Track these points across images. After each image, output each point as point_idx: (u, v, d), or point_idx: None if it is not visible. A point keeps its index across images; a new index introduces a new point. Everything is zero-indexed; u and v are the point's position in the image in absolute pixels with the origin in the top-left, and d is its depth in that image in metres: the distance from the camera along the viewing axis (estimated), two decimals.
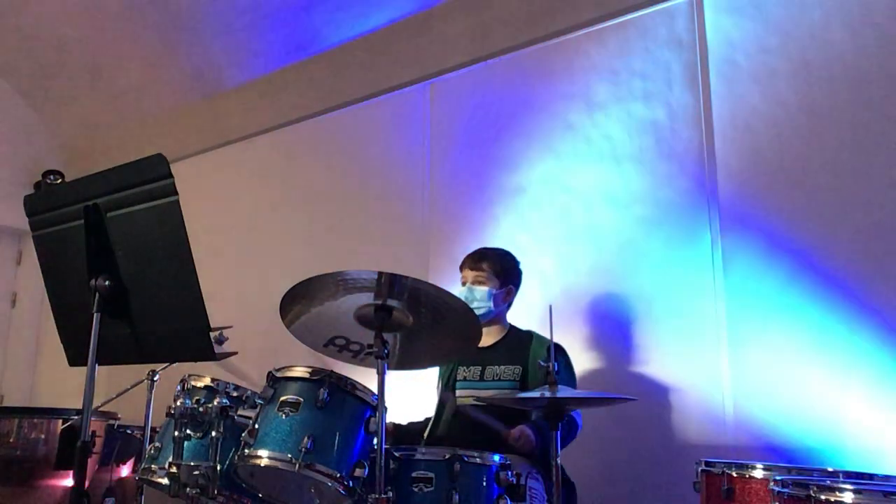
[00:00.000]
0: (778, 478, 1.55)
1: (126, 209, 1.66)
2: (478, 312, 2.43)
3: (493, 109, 3.38)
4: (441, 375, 2.58)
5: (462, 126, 3.48)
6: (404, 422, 2.59)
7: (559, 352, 1.97)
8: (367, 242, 3.72)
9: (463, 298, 2.40)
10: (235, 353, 2.83)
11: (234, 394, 2.00)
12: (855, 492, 1.32)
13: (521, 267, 2.62)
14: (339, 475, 1.70)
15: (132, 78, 4.75)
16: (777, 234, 2.51)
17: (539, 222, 3.12)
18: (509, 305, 2.59)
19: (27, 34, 4.70)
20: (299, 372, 1.83)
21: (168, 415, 1.98)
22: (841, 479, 1.71)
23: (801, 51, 2.57)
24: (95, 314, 1.64)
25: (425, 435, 2.47)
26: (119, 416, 3.48)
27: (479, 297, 2.47)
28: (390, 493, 1.69)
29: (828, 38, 2.53)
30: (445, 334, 1.95)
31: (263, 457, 1.72)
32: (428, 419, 2.56)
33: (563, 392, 1.88)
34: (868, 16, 2.46)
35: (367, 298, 1.81)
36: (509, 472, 1.85)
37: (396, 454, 1.81)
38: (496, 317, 2.53)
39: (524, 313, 2.64)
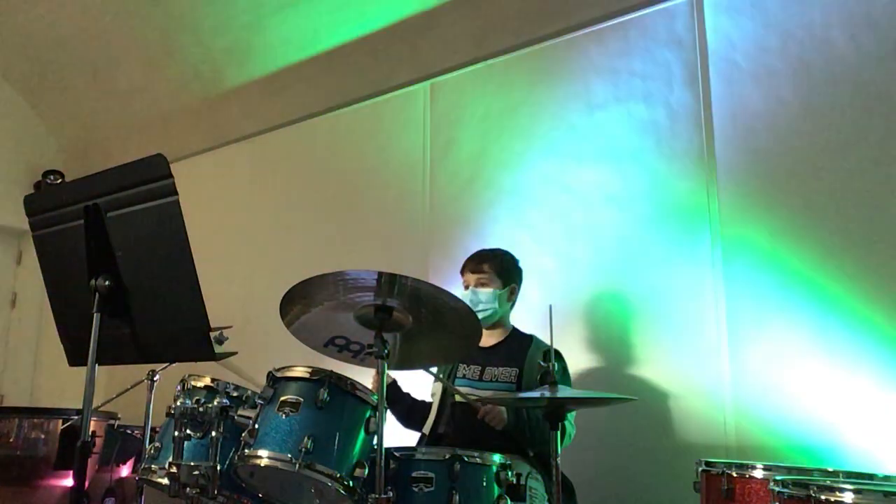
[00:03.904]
0: (778, 478, 1.54)
1: (126, 209, 1.66)
2: (484, 314, 2.44)
3: (493, 109, 3.38)
4: (441, 370, 2.58)
5: (462, 126, 3.48)
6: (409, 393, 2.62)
7: (556, 356, 1.97)
8: (367, 242, 3.72)
9: (468, 301, 2.41)
10: (235, 353, 2.82)
11: (234, 394, 2.00)
12: (855, 492, 1.32)
13: (521, 266, 2.63)
14: (339, 475, 1.70)
15: (132, 78, 4.75)
16: (777, 234, 2.51)
17: (539, 222, 3.12)
18: (513, 305, 2.59)
19: (27, 34, 4.70)
20: (299, 372, 1.83)
21: (168, 415, 1.98)
22: (841, 479, 1.71)
23: (801, 51, 2.57)
24: (95, 314, 1.64)
25: (426, 431, 2.48)
26: (119, 416, 3.48)
27: (483, 298, 2.48)
28: (390, 493, 1.69)
29: (828, 38, 2.53)
30: (445, 334, 1.95)
31: (263, 457, 1.72)
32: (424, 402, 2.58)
33: (563, 392, 1.88)
34: (868, 16, 2.46)
35: (367, 298, 1.81)
36: (509, 472, 1.85)
37: (396, 454, 1.81)
38: (501, 317, 2.54)
39: (524, 313, 2.64)
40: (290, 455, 1.69)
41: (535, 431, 2.26)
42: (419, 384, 2.80)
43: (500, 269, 2.53)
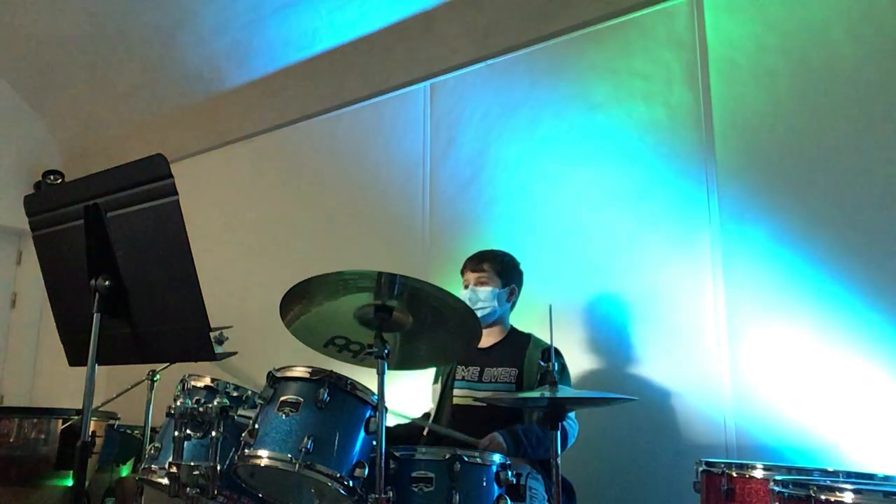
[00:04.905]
0: (778, 478, 1.54)
1: (126, 209, 1.66)
2: (483, 313, 2.43)
3: (493, 109, 3.38)
4: (440, 373, 2.58)
5: (462, 126, 3.48)
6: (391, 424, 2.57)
7: (555, 354, 1.97)
8: (367, 242, 3.72)
9: (467, 300, 2.41)
10: (235, 353, 2.83)
11: (234, 394, 2.00)
12: (855, 492, 1.32)
13: (522, 268, 2.62)
14: (339, 475, 1.70)
15: (132, 78, 4.75)
16: (777, 233, 2.51)
17: (539, 222, 3.12)
18: (513, 306, 2.59)
19: (27, 34, 4.70)
20: (299, 372, 1.83)
21: (168, 415, 1.98)
22: (841, 479, 1.71)
23: (801, 50, 2.57)
24: (95, 314, 1.64)
25: (426, 432, 2.47)
26: (119, 416, 3.48)
27: (482, 297, 2.48)
28: (390, 493, 1.69)
29: (828, 38, 2.53)
30: (445, 334, 1.95)
31: (263, 457, 1.72)
32: (416, 420, 2.56)
33: (564, 392, 1.88)
34: (868, 16, 2.46)
35: (367, 298, 1.81)
36: (509, 472, 1.85)
37: (396, 454, 1.81)
38: (499, 317, 2.53)
39: (524, 313, 2.64)
40: (290, 455, 1.69)
41: (537, 449, 2.24)
42: (417, 386, 2.80)
43: (501, 268, 2.53)
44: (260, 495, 1.90)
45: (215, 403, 1.84)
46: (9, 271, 5.35)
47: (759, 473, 1.81)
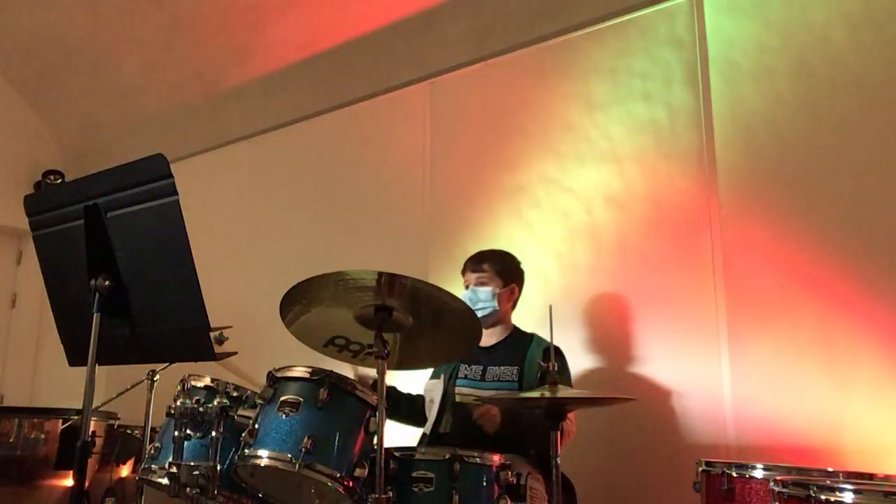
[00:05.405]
0: (778, 478, 1.55)
1: (126, 209, 1.66)
2: (483, 312, 2.43)
3: (493, 109, 3.38)
4: (441, 369, 2.57)
5: (462, 126, 3.48)
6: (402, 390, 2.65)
7: (556, 354, 1.96)
8: (367, 242, 3.72)
9: (467, 300, 2.41)
10: (235, 353, 2.83)
11: (234, 394, 2.00)
12: (855, 492, 1.32)
13: (523, 267, 2.62)
14: (338, 475, 1.70)
15: (132, 78, 4.75)
16: (777, 233, 2.51)
17: (539, 222, 3.12)
18: (514, 305, 2.59)
19: (27, 34, 4.70)
20: (299, 372, 1.83)
21: (168, 415, 1.98)
22: (841, 479, 1.71)
23: (801, 51, 2.57)
24: (95, 314, 1.64)
25: (427, 431, 2.47)
26: (119, 416, 3.48)
27: (482, 297, 2.48)
28: (390, 493, 1.69)
29: (828, 38, 2.53)
30: (445, 334, 1.95)
31: (263, 457, 1.72)
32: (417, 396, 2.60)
33: (563, 392, 1.88)
34: (868, 16, 2.46)
35: (367, 298, 1.81)
36: (509, 472, 1.85)
37: (396, 454, 1.81)
38: (501, 317, 2.53)
39: (524, 313, 2.64)
40: (290, 455, 1.68)
41: (535, 433, 2.24)
42: (417, 387, 2.80)
43: (501, 268, 2.53)
44: (260, 495, 1.90)
45: (215, 403, 1.84)
46: (9, 271, 5.34)
47: (759, 473, 1.82)
